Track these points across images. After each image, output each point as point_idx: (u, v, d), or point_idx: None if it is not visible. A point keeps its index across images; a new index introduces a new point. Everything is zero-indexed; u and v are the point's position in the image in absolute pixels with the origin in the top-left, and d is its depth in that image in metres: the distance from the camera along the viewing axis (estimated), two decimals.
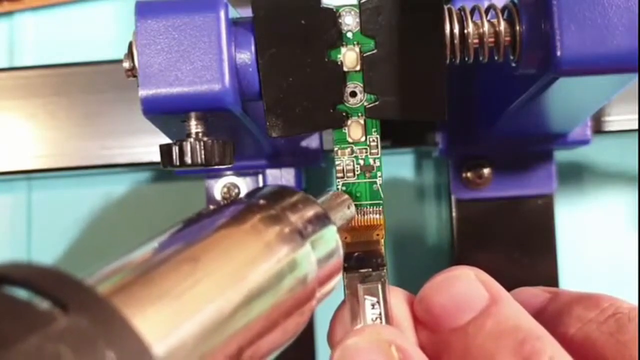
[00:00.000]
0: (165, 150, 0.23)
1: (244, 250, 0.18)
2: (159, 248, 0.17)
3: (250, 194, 0.22)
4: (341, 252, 0.22)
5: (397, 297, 0.23)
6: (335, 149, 0.25)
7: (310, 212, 0.21)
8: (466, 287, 0.21)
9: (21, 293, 0.14)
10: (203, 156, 0.23)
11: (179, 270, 0.16)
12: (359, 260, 0.24)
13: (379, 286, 0.22)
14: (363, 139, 0.25)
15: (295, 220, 0.20)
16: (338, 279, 0.22)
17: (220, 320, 0.16)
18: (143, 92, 0.22)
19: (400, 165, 0.38)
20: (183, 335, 0.15)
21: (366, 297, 0.22)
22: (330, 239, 0.22)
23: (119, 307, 0.14)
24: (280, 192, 0.22)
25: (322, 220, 0.21)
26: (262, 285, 0.18)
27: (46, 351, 0.12)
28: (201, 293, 0.16)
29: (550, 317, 0.23)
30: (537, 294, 0.24)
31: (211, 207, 0.21)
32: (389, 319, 0.22)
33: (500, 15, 0.23)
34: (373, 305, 0.22)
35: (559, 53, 0.21)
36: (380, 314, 0.22)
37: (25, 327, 0.13)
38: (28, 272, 0.14)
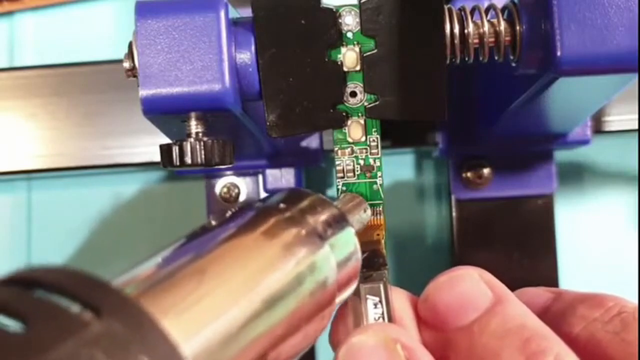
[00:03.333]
0: (165, 150, 0.23)
1: (264, 253, 0.18)
2: (182, 252, 0.17)
3: (266, 198, 0.22)
4: (359, 255, 0.22)
5: (399, 297, 0.22)
6: (336, 149, 0.25)
7: (328, 214, 0.21)
8: (470, 286, 0.21)
9: (53, 297, 0.13)
10: (203, 156, 0.23)
11: (203, 274, 0.16)
12: None
13: (381, 286, 0.22)
14: (363, 139, 0.25)
15: (313, 222, 0.20)
16: (356, 283, 0.22)
17: (245, 323, 0.16)
18: (143, 92, 0.22)
19: (400, 165, 0.38)
20: (209, 339, 0.15)
21: (368, 296, 0.22)
22: (349, 241, 0.21)
23: (150, 311, 0.14)
24: (297, 195, 0.21)
25: (340, 222, 0.21)
26: (284, 288, 0.18)
27: (82, 356, 0.12)
28: (227, 296, 0.16)
29: (554, 317, 0.23)
30: (540, 294, 0.24)
31: (230, 210, 0.21)
32: (391, 319, 0.22)
33: (500, 15, 0.23)
34: (375, 304, 0.22)
35: (559, 53, 0.21)
36: (382, 313, 0.22)
37: (61, 331, 0.12)
38: (59, 276, 0.14)
